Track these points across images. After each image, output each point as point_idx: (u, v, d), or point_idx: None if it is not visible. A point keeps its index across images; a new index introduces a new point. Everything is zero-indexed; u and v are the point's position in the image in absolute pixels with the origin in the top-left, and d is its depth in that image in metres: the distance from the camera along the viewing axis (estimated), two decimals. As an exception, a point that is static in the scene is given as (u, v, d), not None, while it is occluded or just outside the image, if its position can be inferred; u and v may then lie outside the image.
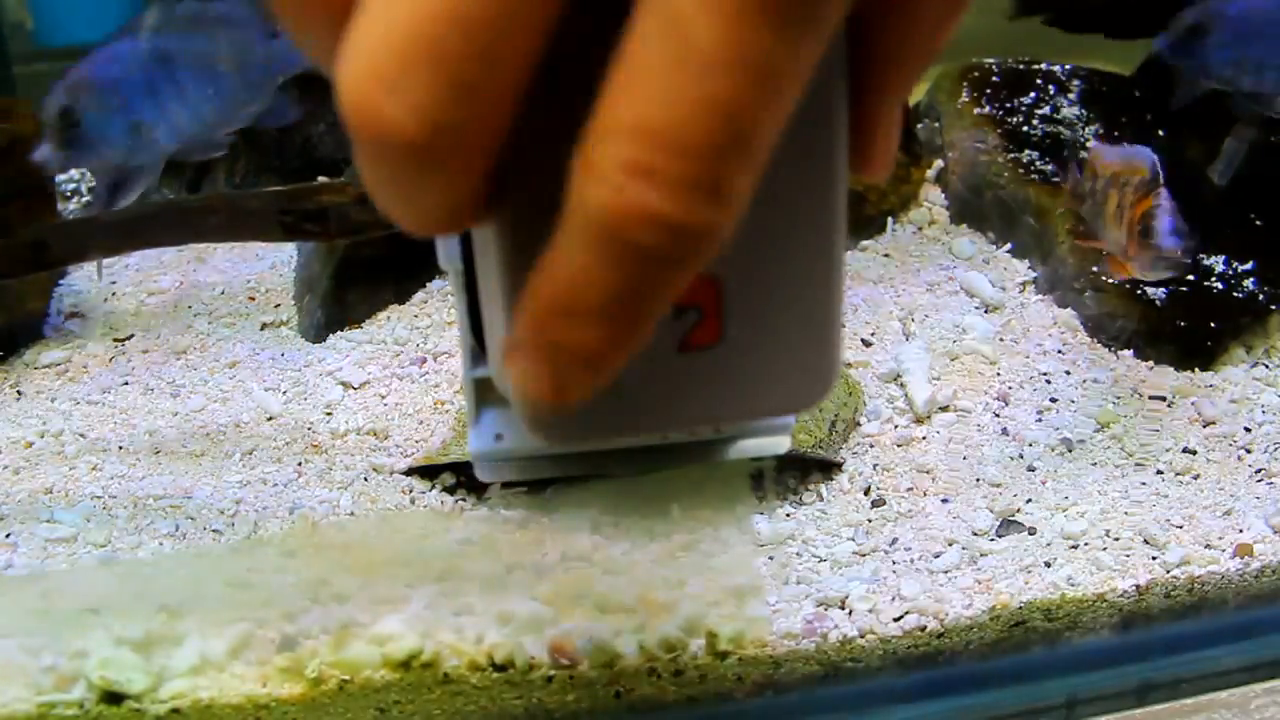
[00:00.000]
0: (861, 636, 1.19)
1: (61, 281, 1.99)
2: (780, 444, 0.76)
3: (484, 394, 0.75)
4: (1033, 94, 2.18)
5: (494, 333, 0.63)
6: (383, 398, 1.66)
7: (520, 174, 0.51)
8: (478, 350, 0.73)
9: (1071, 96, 2.17)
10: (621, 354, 0.47)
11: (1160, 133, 1.94)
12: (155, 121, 1.48)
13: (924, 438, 1.60)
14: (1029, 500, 1.45)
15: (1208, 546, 1.34)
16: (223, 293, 1.99)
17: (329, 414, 1.63)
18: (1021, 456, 1.55)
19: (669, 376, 0.61)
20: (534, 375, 0.47)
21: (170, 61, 1.48)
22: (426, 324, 1.83)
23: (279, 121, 1.66)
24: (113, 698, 1.02)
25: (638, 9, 0.43)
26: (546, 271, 0.46)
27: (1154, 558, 1.32)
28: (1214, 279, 1.90)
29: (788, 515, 1.43)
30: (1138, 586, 1.27)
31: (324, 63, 0.47)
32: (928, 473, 1.52)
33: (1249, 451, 1.57)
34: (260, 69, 1.56)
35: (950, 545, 1.35)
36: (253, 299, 1.97)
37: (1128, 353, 1.83)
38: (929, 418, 1.63)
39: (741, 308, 0.61)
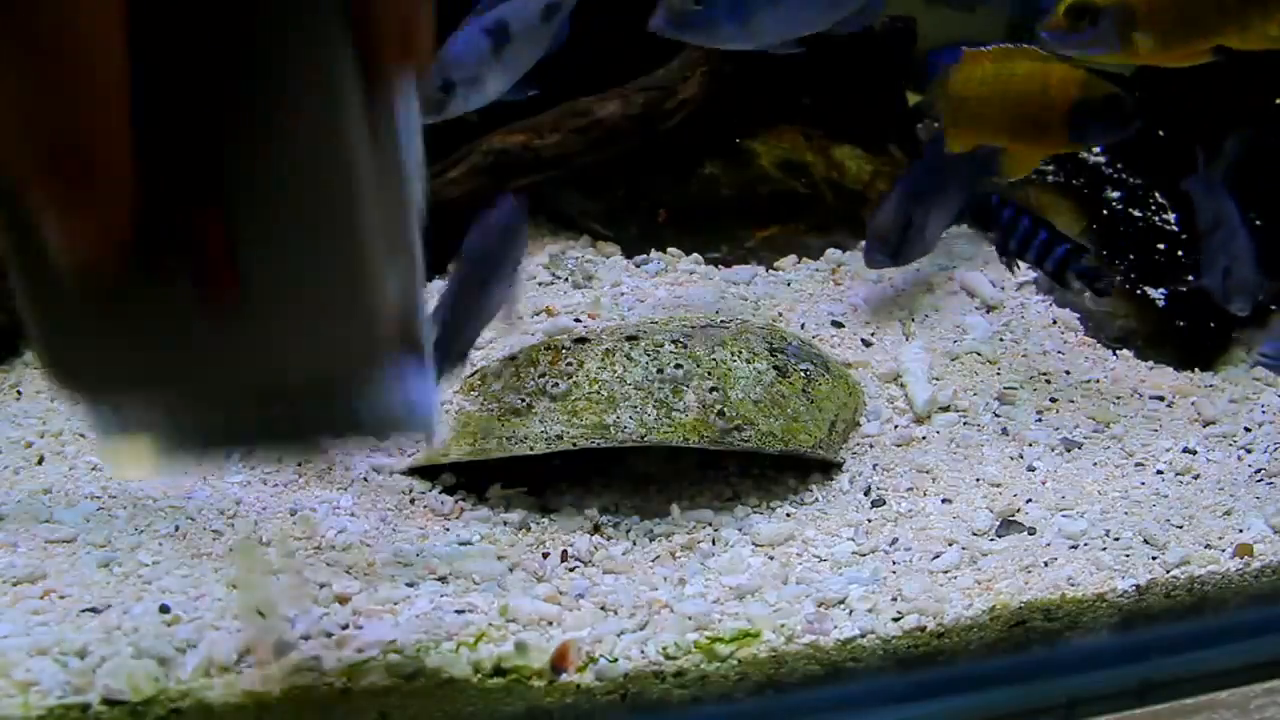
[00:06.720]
0: (862, 636, 1.19)
1: (61, 281, 1.98)
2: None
3: None
4: (1032, 94, 2.17)
5: None
6: (383, 398, 1.65)
7: None
8: None
9: (1071, 96, 2.16)
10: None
11: (1160, 133, 1.94)
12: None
13: (924, 438, 1.59)
14: (1029, 500, 1.45)
15: (1208, 546, 1.34)
16: (222, 292, 1.98)
17: (329, 414, 1.62)
18: (1021, 456, 1.55)
19: (197, 336, 0.67)
20: None
21: None
22: (426, 324, 1.83)
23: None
24: (114, 699, 1.02)
25: None
26: None
27: (1154, 558, 1.32)
28: (1214, 279, 1.90)
29: (788, 515, 1.43)
30: (1138, 586, 1.27)
31: None
32: (928, 473, 1.52)
33: (1249, 451, 1.57)
34: None
35: (950, 545, 1.35)
36: (252, 299, 1.96)
37: (1128, 353, 1.83)
38: (929, 418, 1.63)
39: (259, 266, 0.65)
